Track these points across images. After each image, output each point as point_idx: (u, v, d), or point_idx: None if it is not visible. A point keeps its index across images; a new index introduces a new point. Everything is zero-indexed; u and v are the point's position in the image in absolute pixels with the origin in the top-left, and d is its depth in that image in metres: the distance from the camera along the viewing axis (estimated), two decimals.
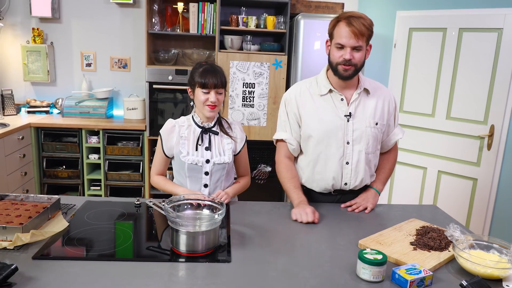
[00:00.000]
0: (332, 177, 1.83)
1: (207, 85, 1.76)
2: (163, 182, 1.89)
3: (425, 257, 1.37)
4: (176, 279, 1.22)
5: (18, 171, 3.30)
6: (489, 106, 3.08)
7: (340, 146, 1.80)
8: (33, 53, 3.82)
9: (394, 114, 1.90)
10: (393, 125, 1.92)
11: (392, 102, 1.88)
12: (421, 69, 3.41)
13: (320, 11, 3.73)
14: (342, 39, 1.66)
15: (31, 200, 1.62)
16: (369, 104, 1.82)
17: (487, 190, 3.16)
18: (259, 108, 3.57)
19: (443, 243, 1.46)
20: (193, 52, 3.76)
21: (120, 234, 1.50)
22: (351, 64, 1.68)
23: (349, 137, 1.80)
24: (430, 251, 1.42)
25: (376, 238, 1.51)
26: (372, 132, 1.81)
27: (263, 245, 1.44)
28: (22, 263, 1.23)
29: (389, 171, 1.99)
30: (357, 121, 1.79)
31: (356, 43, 1.65)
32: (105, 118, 3.79)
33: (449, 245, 1.45)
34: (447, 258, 1.38)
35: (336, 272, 1.27)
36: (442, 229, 1.59)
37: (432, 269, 1.29)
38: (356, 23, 1.63)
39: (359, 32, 1.64)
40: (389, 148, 1.97)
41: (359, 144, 1.81)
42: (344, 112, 1.79)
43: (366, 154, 1.83)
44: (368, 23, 1.66)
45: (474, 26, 3.10)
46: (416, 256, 1.38)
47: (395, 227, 1.62)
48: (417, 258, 1.37)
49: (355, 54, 1.68)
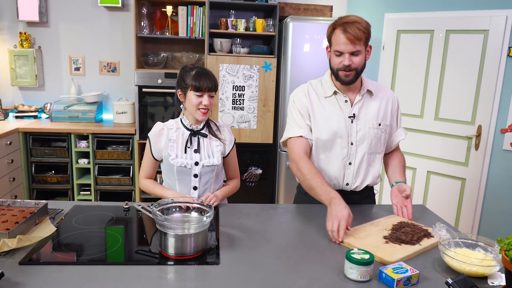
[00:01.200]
0: (334, 177, 1.85)
1: (201, 88, 1.77)
2: (152, 185, 1.89)
3: (395, 250, 1.41)
4: (164, 282, 1.22)
5: (6, 177, 3.27)
6: (476, 106, 3.12)
7: (344, 147, 1.82)
8: (21, 58, 3.79)
9: (396, 115, 1.93)
10: (395, 126, 1.93)
11: (395, 103, 1.91)
12: (409, 71, 3.45)
13: (309, 14, 3.76)
14: (340, 46, 1.69)
15: (18, 206, 1.60)
16: (372, 105, 1.84)
17: (475, 189, 3.20)
18: (249, 110, 3.58)
19: (415, 237, 1.49)
20: (182, 56, 3.76)
21: (108, 238, 1.49)
22: (351, 69, 1.71)
23: (353, 138, 1.82)
24: (401, 245, 1.45)
25: (351, 232, 1.53)
26: (375, 133, 1.83)
27: (251, 247, 1.44)
28: (9, 269, 1.21)
29: (400, 163, 1.95)
30: (360, 122, 1.82)
31: (353, 49, 1.68)
32: (94, 122, 3.76)
33: (421, 240, 1.49)
34: (415, 251, 1.41)
35: (324, 272, 1.28)
36: (418, 225, 1.62)
37: (397, 261, 1.32)
38: (351, 29, 1.66)
39: (354, 38, 1.66)
40: (392, 149, 1.99)
41: (363, 145, 1.83)
42: (348, 113, 1.82)
43: (369, 155, 1.85)
44: (364, 26, 1.68)
45: (461, 28, 3.14)
46: (386, 249, 1.41)
47: (372, 222, 1.66)
48: (387, 250, 1.39)
49: (354, 59, 1.70)
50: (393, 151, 2.01)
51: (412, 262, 1.34)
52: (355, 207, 1.81)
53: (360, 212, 1.81)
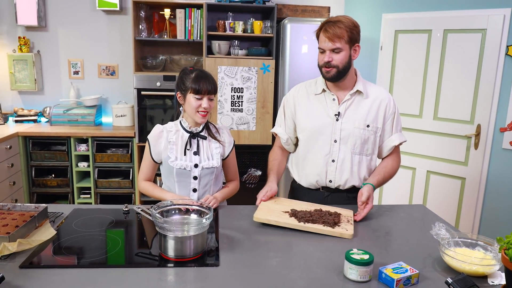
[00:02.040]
0: (317, 173, 1.90)
1: (201, 91, 1.77)
2: (151, 188, 1.89)
3: (285, 219, 1.61)
4: (164, 284, 1.22)
5: (6, 181, 3.27)
6: (475, 105, 3.12)
7: (327, 144, 1.87)
8: (20, 62, 3.80)
9: (392, 119, 1.90)
10: (390, 130, 1.91)
11: (390, 107, 1.89)
12: (407, 71, 3.45)
13: (307, 15, 3.76)
14: (321, 44, 1.79)
15: (18, 209, 1.60)
16: (362, 106, 1.86)
17: (475, 188, 3.20)
18: (248, 112, 3.58)
19: (320, 221, 1.60)
20: (181, 58, 3.77)
21: (108, 241, 1.50)
22: (331, 65, 1.77)
23: (337, 136, 1.86)
24: (290, 217, 1.64)
25: (278, 200, 1.84)
26: (360, 134, 1.84)
27: (251, 248, 1.45)
28: (9, 272, 1.22)
29: (384, 174, 1.91)
30: (346, 121, 1.85)
31: (333, 46, 1.74)
32: (93, 126, 3.77)
33: (318, 222, 1.59)
34: (289, 223, 1.59)
35: (323, 273, 1.28)
36: (341, 213, 1.70)
37: (260, 220, 1.60)
38: (331, 28, 1.74)
39: (333, 36, 1.72)
40: (386, 154, 1.96)
41: (347, 144, 1.86)
42: (334, 111, 1.85)
43: (352, 155, 1.87)
44: (347, 25, 1.73)
45: (459, 27, 3.15)
46: (272, 212, 1.65)
47: (314, 204, 1.81)
48: (271, 213, 1.64)
49: (334, 56, 1.75)
50: (389, 155, 1.97)
51: (412, 262, 1.33)
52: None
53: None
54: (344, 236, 1.54)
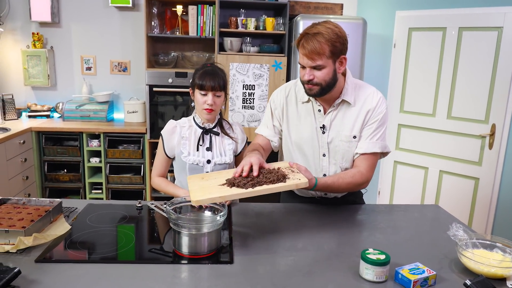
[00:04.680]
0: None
1: (205, 87, 1.77)
2: (164, 184, 1.89)
3: (208, 191, 1.39)
4: (179, 281, 1.22)
5: (19, 175, 3.31)
6: (490, 105, 3.08)
7: (316, 158, 1.76)
8: (33, 58, 3.83)
9: (372, 126, 1.69)
10: (365, 136, 1.70)
11: (372, 113, 1.69)
12: (421, 69, 3.41)
13: (319, 12, 3.74)
14: (300, 60, 1.60)
15: (33, 204, 1.62)
16: (349, 116, 1.70)
17: (489, 189, 3.16)
18: (259, 109, 3.57)
19: (251, 183, 1.42)
20: (192, 55, 3.76)
21: (122, 236, 1.50)
22: (314, 83, 1.59)
23: (325, 149, 1.74)
24: (231, 188, 1.42)
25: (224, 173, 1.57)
26: (346, 146, 1.71)
27: (265, 246, 1.44)
28: (25, 267, 1.22)
29: (339, 180, 1.65)
30: (332, 134, 1.71)
31: (313, 63, 1.56)
32: (105, 122, 3.79)
33: (266, 183, 1.42)
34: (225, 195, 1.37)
35: (339, 272, 1.27)
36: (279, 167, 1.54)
37: (196, 201, 1.34)
38: (309, 44, 1.53)
39: (312, 52, 1.53)
40: (350, 163, 1.74)
41: (335, 157, 1.74)
42: (320, 123, 1.72)
43: (342, 169, 1.74)
44: (328, 37, 1.52)
45: (474, 25, 3.10)
46: (205, 189, 1.41)
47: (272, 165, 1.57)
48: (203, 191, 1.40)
49: (316, 73, 1.57)
50: (355, 166, 1.72)
51: (428, 263, 1.31)
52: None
53: (376, 214, 1.80)
54: (300, 186, 1.43)
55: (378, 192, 3.84)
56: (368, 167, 1.70)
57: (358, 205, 1.88)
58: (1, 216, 1.48)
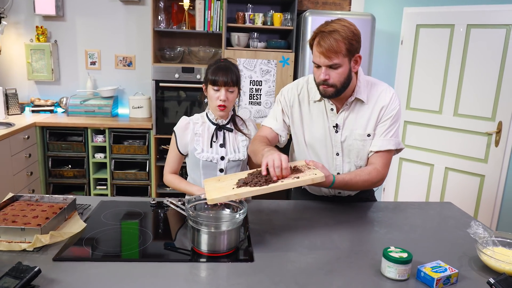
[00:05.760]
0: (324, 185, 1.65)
1: (217, 82, 1.76)
2: (177, 180, 1.88)
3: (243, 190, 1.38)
4: (198, 279, 1.21)
5: (24, 171, 3.28)
6: (497, 102, 3.07)
7: (329, 157, 1.74)
8: (37, 52, 3.79)
9: (386, 123, 1.69)
10: (379, 133, 1.69)
11: (386, 110, 1.68)
12: (428, 66, 3.40)
13: (328, 8, 3.71)
14: (315, 58, 1.56)
15: (46, 201, 1.60)
16: (362, 114, 1.69)
17: (494, 186, 3.16)
18: (266, 105, 3.56)
19: (262, 180, 1.40)
20: (199, 50, 3.74)
21: (139, 234, 1.49)
22: (329, 84, 1.57)
23: (338, 148, 1.72)
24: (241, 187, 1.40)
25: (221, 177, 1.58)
26: (361, 145, 1.69)
27: (283, 243, 1.43)
28: (43, 265, 1.21)
29: (356, 177, 1.64)
30: (345, 133, 1.70)
31: (329, 62, 1.52)
32: (110, 117, 3.76)
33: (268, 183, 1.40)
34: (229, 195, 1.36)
35: (360, 270, 1.26)
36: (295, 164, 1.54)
37: (210, 200, 1.34)
38: (325, 42, 1.50)
39: (329, 51, 1.50)
40: (365, 161, 1.73)
41: (350, 156, 1.72)
42: (333, 122, 1.71)
43: (356, 167, 1.73)
44: (344, 35, 1.50)
45: (482, 22, 3.09)
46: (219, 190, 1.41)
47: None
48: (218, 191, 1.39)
49: (332, 73, 1.55)
50: (370, 164, 1.70)
51: (448, 261, 1.30)
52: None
53: (393, 210, 1.79)
54: (316, 180, 1.40)
55: (383, 189, 3.84)
56: (383, 165, 1.69)
57: (370, 202, 1.88)
58: (15, 213, 1.46)
